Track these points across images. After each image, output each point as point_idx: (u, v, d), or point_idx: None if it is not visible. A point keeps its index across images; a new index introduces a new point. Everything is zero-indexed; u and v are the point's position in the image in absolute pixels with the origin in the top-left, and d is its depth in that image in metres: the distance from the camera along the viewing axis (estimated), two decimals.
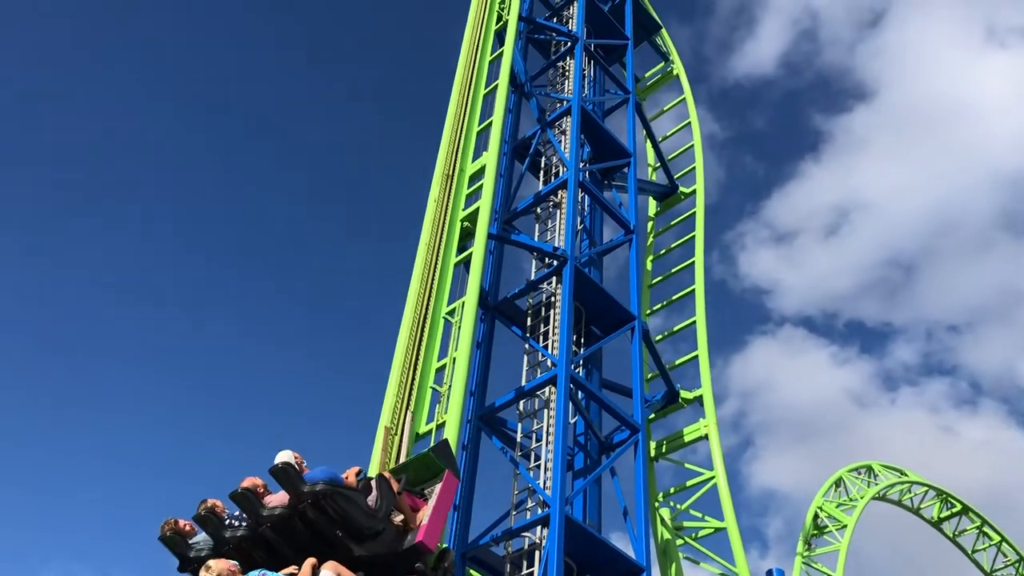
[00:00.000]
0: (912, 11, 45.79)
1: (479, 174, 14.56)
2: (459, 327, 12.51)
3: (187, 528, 8.45)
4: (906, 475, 26.64)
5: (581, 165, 17.11)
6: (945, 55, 46.01)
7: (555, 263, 15.26)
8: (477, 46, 16.88)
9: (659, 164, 20.88)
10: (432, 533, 8.20)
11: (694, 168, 20.84)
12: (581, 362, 15.51)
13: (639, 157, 19.18)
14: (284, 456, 7.92)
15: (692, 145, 21.26)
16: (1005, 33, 45.22)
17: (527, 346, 15.21)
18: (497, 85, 16.08)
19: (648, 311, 18.64)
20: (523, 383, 14.60)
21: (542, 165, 17.69)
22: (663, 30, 23.08)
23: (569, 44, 19.39)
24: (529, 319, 15.44)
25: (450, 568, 8.39)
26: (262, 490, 8.13)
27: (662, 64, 22.95)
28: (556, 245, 15.64)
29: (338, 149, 47.00)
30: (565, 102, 17.86)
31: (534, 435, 14.10)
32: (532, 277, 15.88)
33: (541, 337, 14.96)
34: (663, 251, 20.24)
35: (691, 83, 22.36)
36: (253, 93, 45.24)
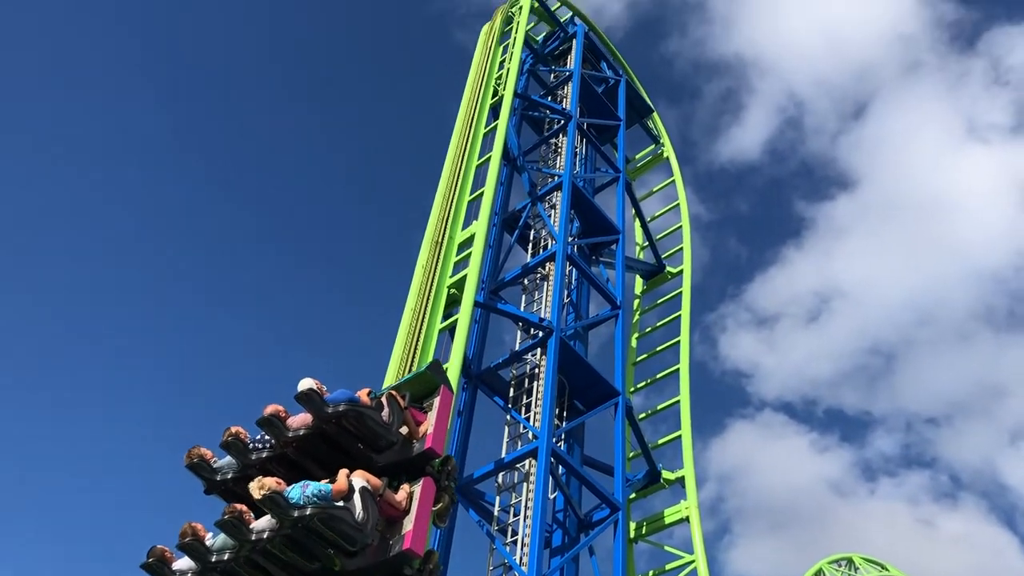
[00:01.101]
0: (894, 104, 47.34)
1: (468, 242, 14.59)
2: None
3: (210, 455, 9.40)
4: (888, 570, 26.15)
5: (570, 239, 17.23)
6: (926, 148, 47.47)
7: (540, 334, 15.18)
8: (472, 118, 17.17)
9: (647, 243, 21.07)
10: (438, 439, 9.44)
11: (681, 249, 21.05)
12: (563, 436, 15.28)
13: (627, 235, 19.36)
14: (307, 383, 8.98)
15: (680, 226, 21.52)
16: (985, 129, 46.81)
17: (509, 417, 14.99)
18: (490, 157, 16.28)
19: (632, 388, 18.50)
20: (503, 455, 14.33)
21: (531, 238, 17.80)
22: (655, 114, 23.65)
23: (562, 122, 19.77)
24: (512, 390, 15.26)
25: (453, 471, 9.39)
26: (284, 414, 9.13)
27: (653, 146, 23.43)
28: (542, 316, 15.59)
29: (328, 210, 47.41)
30: (556, 177, 18.10)
31: (512, 509, 13.76)
32: (516, 347, 15.77)
33: (523, 409, 14.76)
34: (648, 329, 20.24)
35: (679, 164, 22.79)
36: (243, 153, 45.80)
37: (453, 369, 12.45)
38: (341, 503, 8.26)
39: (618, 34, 45.87)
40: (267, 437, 9.20)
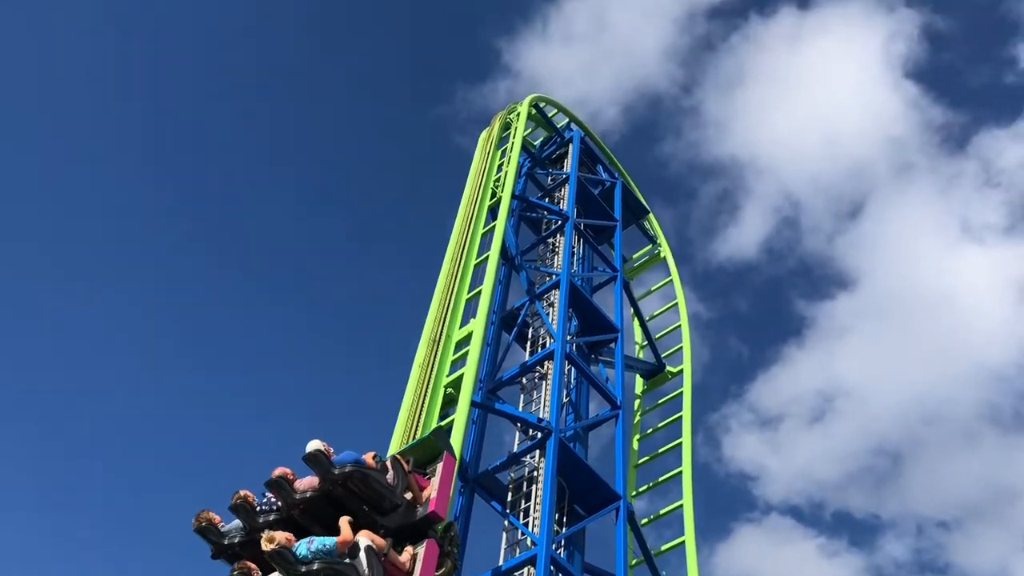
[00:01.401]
0: (889, 204, 48.07)
1: (466, 341, 14.44)
2: None
3: (218, 520, 9.92)
4: None
5: (568, 338, 17.09)
6: (923, 248, 47.89)
7: (539, 435, 14.83)
8: (471, 218, 17.34)
9: (646, 342, 20.92)
10: (441, 504, 9.94)
11: (681, 348, 20.88)
12: (563, 542, 14.70)
13: (626, 334, 19.22)
14: (314, 444, 9.34)
15: (679, 325, 21.41)
16: (980, 229, 47.35)
17: (507, 523, 14.47)
18: (488, 256, 16.33)
19: (633, 492, 17.97)
20: (500, 562, 13.75)
21: (529, 336, 17.67)
22: (651, 215, 23.93)
23: (560, 222, 19.96)
24: (510, 494, 14.80)
25: (455, 537, 9.90)
26: (292, 477, 9.52)
27: (649, 246, 23.60)
28: (541, 416, 15.28)
29: (324, 306, 47.43)
30: (554, 275, 18.13)
31: None
32: (515, 449, 15.39)
33: (522, 514, 14.27)
34: (650, 430, 19.81)
35: (676, 263, 22.89)
36: (249, 239, 46.23)
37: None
38: (347, 560, 8.56)
39: (614, 137, 47.08)
40: (274, 500, 9.61)
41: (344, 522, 8.80)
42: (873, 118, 48.56)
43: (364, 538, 8.74)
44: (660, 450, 18.89)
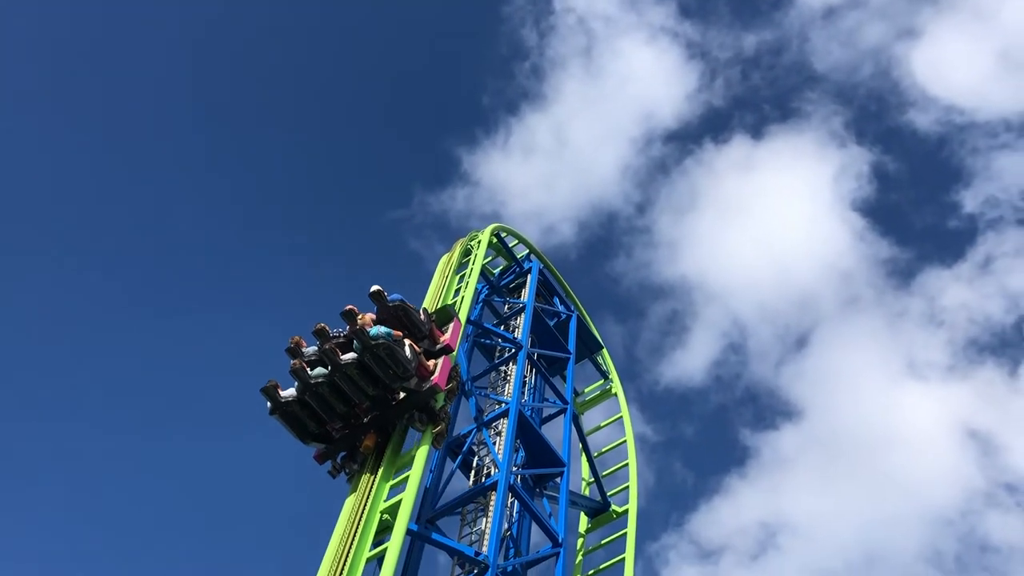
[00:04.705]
0: (835, 336, 48.77)
1: (407, 465, 14.05)
2: None
3: (278, 387, 14.01)
4: None
5: (514, 469, 16.73)
6: (868, 382, 48.36)
7: (476, 570, 14.25)
8: None
9: (593, 479, 20.57)
10: (441, 379, 14.55)
11: (627, 488, 20.54)
12: None
13: (573, 469, 18.91)
14: (376, 287, 14.96)
15: (627, 464, 21.16)
16: (924, 367, 48.12)
17: None
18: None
19: None
20: None
21: (474, 465, 17.26)
22: (604, 350, 24.10)
23: (513, 351, 19.95)
24: None
25: (454, 390, 15.53)
26: (356, 311, 14.26)
27: (601, 382, 23.63)
28: (479, 550, 14.72)
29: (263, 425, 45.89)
30: (503, 404, 17.93)
31: None
32: None
33: None
34: (591, 572, 19.18)
35: (623, 382, 22.96)
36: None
37: None
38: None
39: (568, 251, 47.85)
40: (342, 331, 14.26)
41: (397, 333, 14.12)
42: (821, 249, 50.08)
43: (409, 340, 14.31)
44: None
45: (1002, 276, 46.07)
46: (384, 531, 13.01)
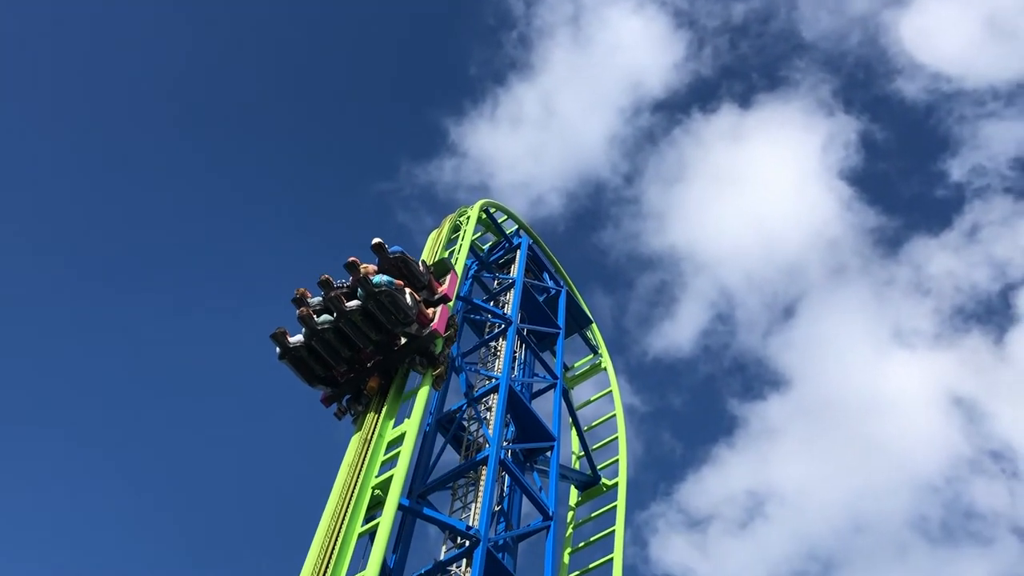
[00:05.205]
0: (823, 305, 48.81)
1: (398, 441, 14.13)
2: None
3: (286, 333, 14.66)
4: None
5: (504, 444, 16.84)
6: (855, 352, 48.49)
7: (467, 544, 14.38)
8: None
9: (583, 453, 20.73)
10: (440, 324, 15.16)
11: (617, 461, 20.71)
12: None
13: (563, 443, 19.04)
14: (377, 239, 15.75)
15: (616, 437, 21.32)
16: (910, 335, 48.34)
17: None
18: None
19: None
20: None
21: (464, 440, 17.36)
22: (593, 325, 24.17)
23: (503, 326, 20.00)
24: None
25: (453, 336, 16.21)
26: (358, 262, 14.94)
27: (591, 356, 23.72)
28: (470, 524, 14.86)
29: (258, 403, 46.00)
30: (493, 379, 18.00)
31: None
32: (441, 557, 14.87)
33: None
34: (582, 544, 19.38)
35: (612, 353, 23.03)
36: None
37: None
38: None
39: (556, 224, 47.70)
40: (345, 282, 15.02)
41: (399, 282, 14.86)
42: (809, 218, 50.07)
43: (409, 289, 15.06)
44: (591, 565, 18.42)
45: (988, 244, 46.29)
46: (376, 506, 13.11)
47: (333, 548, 12.15)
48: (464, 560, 14.27)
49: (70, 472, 41.41)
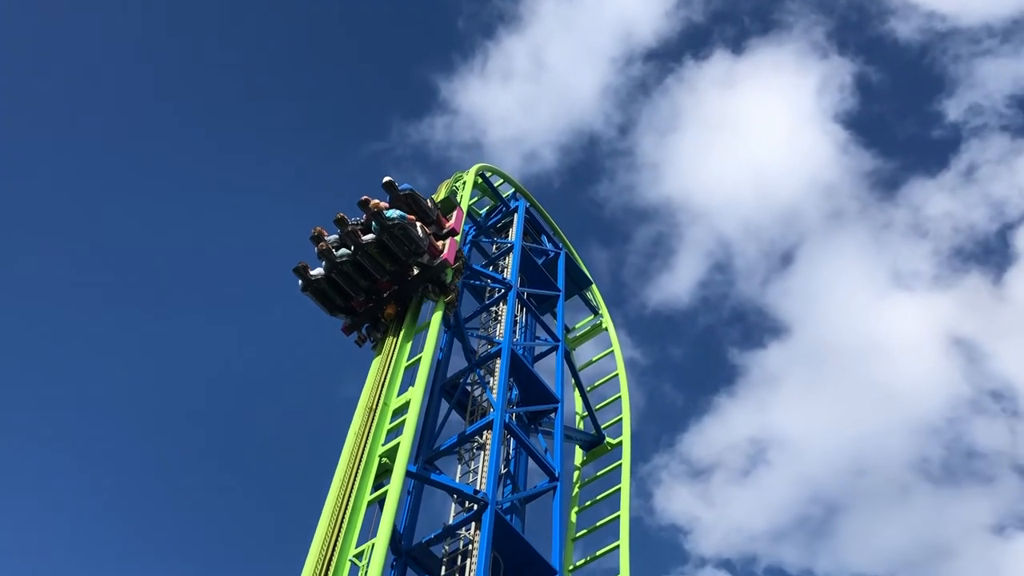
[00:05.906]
0: (821, 251, 48.55)
1: (403, 409, 14.22)
2: (366, 572, 11.52)
3: (307, 267, 16.04)
4: None
5: (508, 407, 16.95)
6: (854, 296, 48.35)
7: (475, 507, 14.55)
8: None
9: (587, 413, 20.88)
10: (450, 254, 16.42)
11: (620, 420, 20.87)
12: None
13: (567, 404, 19.16)
14: (387, 178, 16.90)
15: (619, 396, 21.45)
16: (909, 277, 48.22)
17: None
18: (429, 323, 16.24)
19: (571, 566, 17.66)
20: None
21: (469, 405, 17.48)
22: (593, 286, 24.18)
23: (503, 291, 20.01)
24: (444, 567, 14.40)
25: (460, 271, 17.30)
26: (370, 200, 16.17)
27: (591, 317, 23.77)
28: (477, 488, 15.01)
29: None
30: (496, 344, 18.06)
31: None
32: (450, 521, 15.04)
33: None
34: (588, 503, 19.62)
35: (611, 307, 23.08)
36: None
37: (380, 544, 11.76)
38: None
39: (551, 179, 47.39)
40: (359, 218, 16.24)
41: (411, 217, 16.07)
42: (804, 163, 49.70)
43: (420, 223, 16.24)
44: (598, 523, 18.67)
45: (986, 184, 46.00)
46: (384, 474, 13.25)
47: (343, 517, 12.30)
48: (473, 523, 14.43)
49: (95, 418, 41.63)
